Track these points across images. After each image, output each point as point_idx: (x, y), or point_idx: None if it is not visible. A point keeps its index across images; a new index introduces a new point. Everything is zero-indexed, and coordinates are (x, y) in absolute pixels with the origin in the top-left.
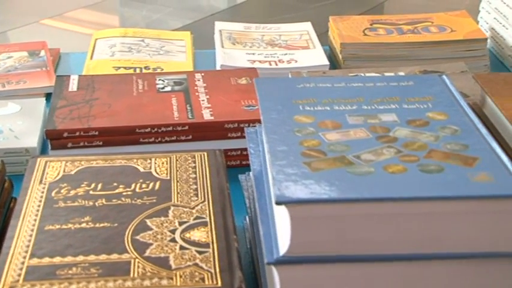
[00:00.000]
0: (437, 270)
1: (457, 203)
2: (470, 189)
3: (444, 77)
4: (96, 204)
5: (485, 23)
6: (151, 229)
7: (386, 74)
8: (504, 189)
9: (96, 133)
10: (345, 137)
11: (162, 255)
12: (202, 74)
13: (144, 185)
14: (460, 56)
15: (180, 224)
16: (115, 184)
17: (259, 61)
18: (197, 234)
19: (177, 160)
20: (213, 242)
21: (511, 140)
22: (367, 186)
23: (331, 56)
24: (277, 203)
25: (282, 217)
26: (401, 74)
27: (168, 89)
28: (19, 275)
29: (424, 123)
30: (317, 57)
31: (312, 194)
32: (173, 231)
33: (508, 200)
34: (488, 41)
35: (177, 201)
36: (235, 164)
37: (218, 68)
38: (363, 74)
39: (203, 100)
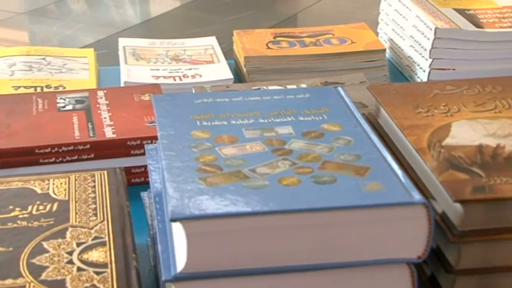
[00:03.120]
0: (332, 279)
1: (348, 212)
2: (362, 198)
3: (339, 88)
4: None
5: (385, 34)
6: (47, 252)
7: (289, 86)
8: (394, 198)
9: None
10: (241, 151)
11: (59, 277)
12: (105, 92)
13: (41, 207)
14: (360, 66)
15: (78, 245)
16: (11, 207)
17: (164, 77)
18: (95, 255)
19: (76, 180)
20: (111, 262)
21: (403, 148)
22: (261, 200)
23: (236, 69)
24: (172, 220)
25: (178, 234)
26: (303, 86)
27: (69, 107)
28: None
29: (319, 135)
30: (221, 71)
31: (206, 210)
32: (70, 253)
33: (397, 207)
34: (388, 51)
35: (75, 221)
36: (140, 181)
37: (122, 84)
38: (265, 87)
39: (105, 118)
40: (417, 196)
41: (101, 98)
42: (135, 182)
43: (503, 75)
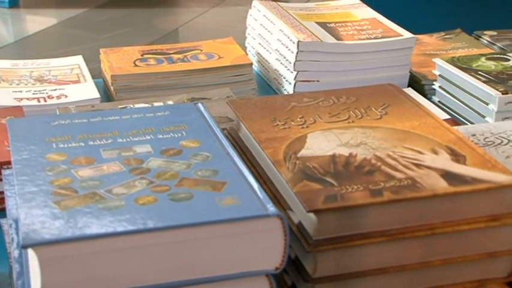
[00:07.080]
0: None
1: (205, 228)
2: (217, 213)
3: (199, 104)
4: None
5: (252, 48)
6: None
7: (156, 103)
8: (249, 211)
9: None
10: (98, 172)
11: None
12: None
13: None
14: (228, 81)
15: None
16: None
17: (27, 98)
18: None
19: None
20: None
21: (262, 161)
22: (115, 221)
23: (105, 88)
24: (24, 247)
25: (32, 260)
26: (170, 102)
27: None
28: None
29: (177, 152)
30: (88, 91)
31: (59, 234)
32: None
33: (252, 220)
34: (256, 65)
35: None
36: (1, 208)
37: None
38: (132, 106)
39: None
40: (272, 209)
41: None
42: None
43: (363, 85)
